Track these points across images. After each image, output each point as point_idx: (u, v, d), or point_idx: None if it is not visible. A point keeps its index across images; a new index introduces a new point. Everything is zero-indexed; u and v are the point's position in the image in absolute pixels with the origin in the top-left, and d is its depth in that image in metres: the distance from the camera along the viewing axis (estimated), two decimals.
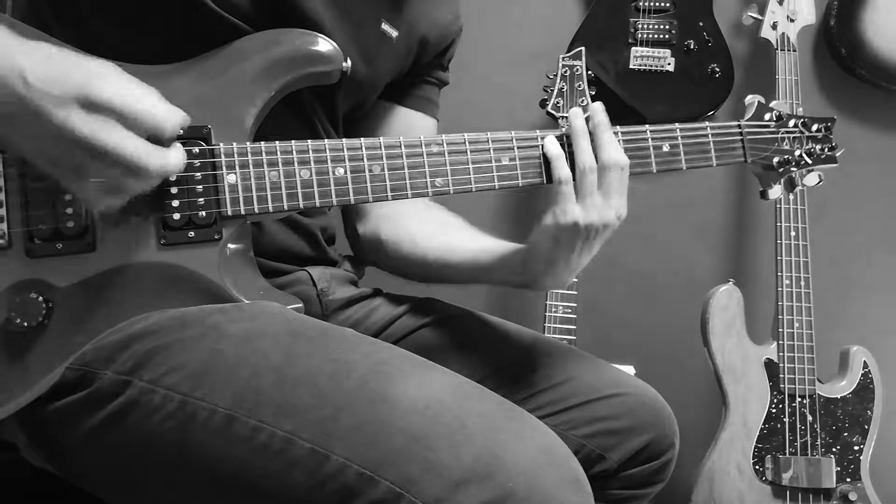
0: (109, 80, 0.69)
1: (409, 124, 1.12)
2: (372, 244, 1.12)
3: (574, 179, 0.89)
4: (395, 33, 1.01)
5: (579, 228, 0.89)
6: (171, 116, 0.73)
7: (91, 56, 0.72)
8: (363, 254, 1.15)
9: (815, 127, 1.02)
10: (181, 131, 0.76)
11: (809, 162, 1.01)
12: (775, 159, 1.00)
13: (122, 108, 0.69)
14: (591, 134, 0.90)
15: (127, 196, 0.73)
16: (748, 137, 0.99)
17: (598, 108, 0.91)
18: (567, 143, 0.91)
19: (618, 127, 0.94)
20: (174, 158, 0.74)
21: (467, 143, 0.89)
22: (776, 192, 1.02)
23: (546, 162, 0.90)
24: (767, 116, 1.01)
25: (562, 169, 0.89)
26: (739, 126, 0.99)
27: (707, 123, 0.97)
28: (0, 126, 0.68)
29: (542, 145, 0.90)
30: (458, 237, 1.06)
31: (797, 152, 1.00)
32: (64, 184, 0.73)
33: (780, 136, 1.01)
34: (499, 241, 1.03)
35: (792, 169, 1.01)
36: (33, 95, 0.66)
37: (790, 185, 1.02)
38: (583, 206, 0.89)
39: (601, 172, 0.89)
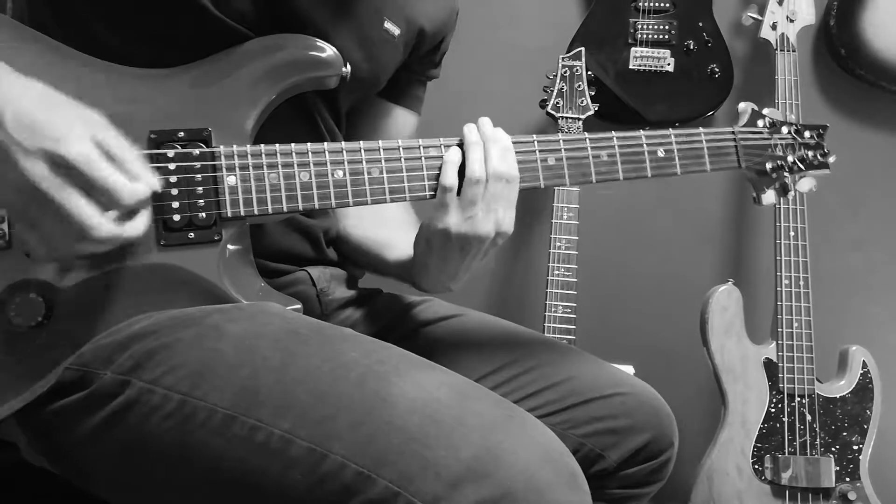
0: (81, 137, 0.68)
1: (399, 121, 1.14)
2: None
3: (461, 189, 0.88)
4: (397, 31, 1.02)
5: (450, 237, 0.89)
6: (133, 186, 0.70)
7: (78, 104, 0.71)
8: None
9: (807, 134, 1.03)
10: (147, 200, 0.73)
11: (802, 168, 1.02)
12: (768, 165, 1.01)
13: (85, 171, 0.67)
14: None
15: (73, 255, 0.72)
16: (742, 144, 1.00)
17: (484, 121, 0.91)
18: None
19: (613, 132, 0.95)
20: (130, 230, 0.72)
21: None
22: (770, 197, 1.04)
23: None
24: (761, 123, 1.02)
25: (448, 176, 0.88)
26: (733, 132, 1.00)
27: (701, 129, 0.98)
28: None
29: (444, 153, 0.89)
30: (379, 226, 1.09)
31: (790, 158, 1.02)
32: (18, 227, 0.72)
33: (773, 142, 1.02)
34: (400, 238, 1.04)
35: (785, 175, 1.02)
36: (6, 139, 0.66)
37: (783, 191, 1.04)
38: (460, 216, 0.88)
39: (486, 184, 0.88)
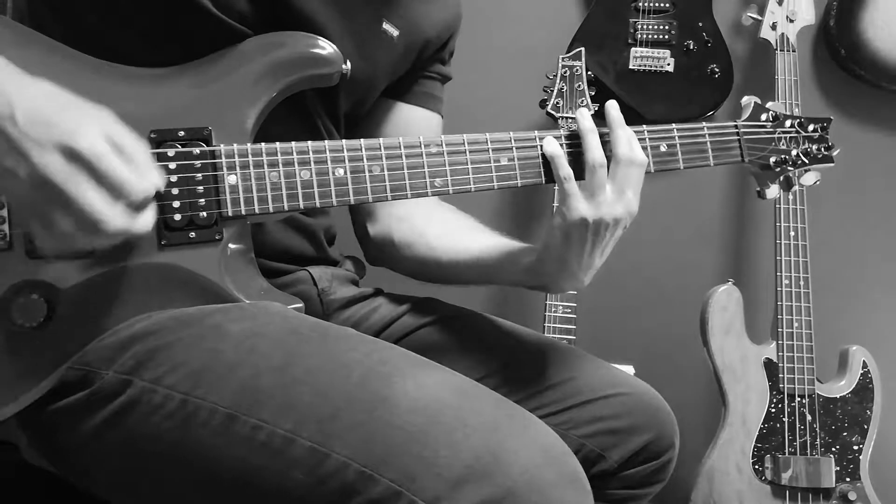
0: (93, 132, 0.68)
1: (410, 120, 1.12)
2: (384, 246, 1.11)
3: (584, 176, 0.90)
4: (395, 32, 1.01)
5: (588, 224, 0.89)
6: (142, 181, 0.70)
7: (86, 101, 0.71)
8: (374, 256, 1.15)
9: (811, 127, 1.02)
10: (153, 196, 0.73)
11: (806, 161, 1.01)
12: (772, 159, 1.01)
13: (97, 164, 0.67)
14: (607, 130, 0.92)
15: (82, 249, 0.72)
16: (745, 137, 1.00)
17: (612, 104, 0.93)
18: (566, 143, 0.92)
19: None
20: (139, 224, 0.72)
21: (466, 143, 0.90)
22: (773, 191, 1.03)
23: (545, 162, 0.91)
24: (764, 117, 1.02)
25: (563, 167, 0.90)
26: (736, 126, 1.00)
27: (704, 124, 0.98)
28: None
29: (541, 146, 0.91)
30: (468, 237, 1.06)
31: (794, 152, 1.01)
32: (25, 224, 0.72)
33: (776, 136, 1.01)
34: (507, 241, 1.03)
35: (789, 168, 1.01)
36: (19, 135, 0.66)
37: (787, 185, 1.03)
38: (591, 203, 0.89)
39: (615, 168, 0.90)
